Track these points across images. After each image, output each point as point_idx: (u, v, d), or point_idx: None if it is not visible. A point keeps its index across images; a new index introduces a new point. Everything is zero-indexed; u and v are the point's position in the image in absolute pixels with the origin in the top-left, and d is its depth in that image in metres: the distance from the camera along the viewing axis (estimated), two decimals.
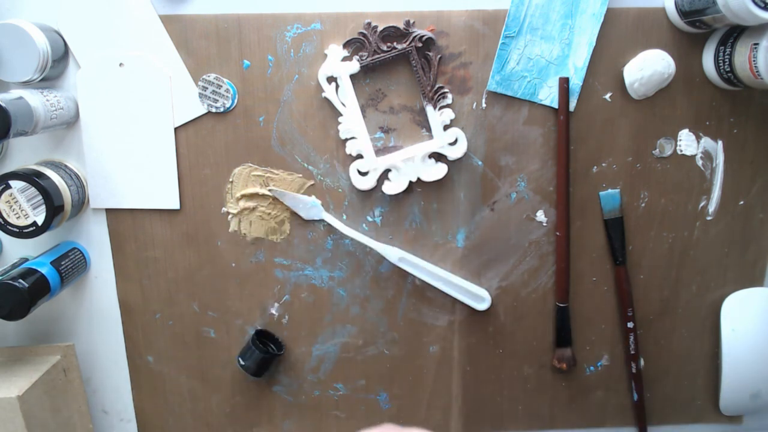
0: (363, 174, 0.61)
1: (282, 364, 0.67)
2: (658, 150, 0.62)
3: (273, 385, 0.68)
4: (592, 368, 0.68)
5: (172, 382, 0.67)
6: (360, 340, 0.67)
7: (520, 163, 0.62)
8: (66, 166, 0.60)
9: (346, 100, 0.59)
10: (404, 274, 0.64)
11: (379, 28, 0.58)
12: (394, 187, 0.61)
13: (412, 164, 0.61)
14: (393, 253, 0.62)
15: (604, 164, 0.63)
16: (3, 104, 0.49)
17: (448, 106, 0.60)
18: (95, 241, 0.63)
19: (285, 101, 0.60)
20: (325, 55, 0.59)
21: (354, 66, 0.59)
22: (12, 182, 0.54)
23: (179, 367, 0.67)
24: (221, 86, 0.60)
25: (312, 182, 0.62)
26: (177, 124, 0.60)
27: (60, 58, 0.58)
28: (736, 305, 0.65)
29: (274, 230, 0.63)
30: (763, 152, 0.63)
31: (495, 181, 0.63)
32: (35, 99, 0.54)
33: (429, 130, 0.61)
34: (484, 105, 0.61)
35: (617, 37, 0.60)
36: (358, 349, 0.67)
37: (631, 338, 0.65)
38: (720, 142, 0.63)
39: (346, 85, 0.59)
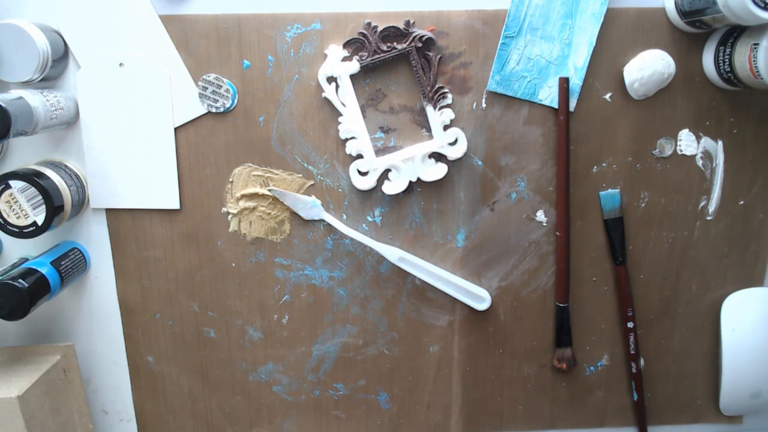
0: (363, 174, 0.61)
1: (282, 363, 0.67)
2: (658, 150, 0.62)
3: (273, 385, 0.68)
4: (592, 368, 0.68)
5: (172, 382, 0.67)
6: (360, 340, 0.67)
7: (520, 163, 0.62)
8: (66, 166, 0.60)
9: (346, 100, 0.59)
10: (404, 274, 0.64)
11: (379, 28, 0.58)
12: (394, 187, 0.61)
13: (412, 164, 0.61)
14: (393, 253, 0.62)
15: (604, 164, 0.63)
16: (3, 104, 0.49)
17: (448, 106, 0.60)
18: (95, 241, 0.63)
19: (285, 101, 0.60)
20: (325, 55, 0.59)
21: (354, 66, 0.58)
22: (12, 182, 0.54)
23: (179, 367, 0.67)
24: (221, 86, 0.59)
25: (312, 182, 0.62)
26: (177, 124, 0.60)
27: (60, 58, 0.58)
28: (736, 305, 0.65)
29: (274, 230, 0.63)
30: (763, 152, 0.63)
31: (495, 181, 0.63)
32: (35, 99, 0.53)
33: (429, 130, 0.61)
34: (484, 105, 0.61)
35: (617, 37, 0.60)
36: (358, 349, 0.67)
37: (631, 338, 0.65)
38: (720, 142, 0.63)
39: (346, 85, 0.59)
